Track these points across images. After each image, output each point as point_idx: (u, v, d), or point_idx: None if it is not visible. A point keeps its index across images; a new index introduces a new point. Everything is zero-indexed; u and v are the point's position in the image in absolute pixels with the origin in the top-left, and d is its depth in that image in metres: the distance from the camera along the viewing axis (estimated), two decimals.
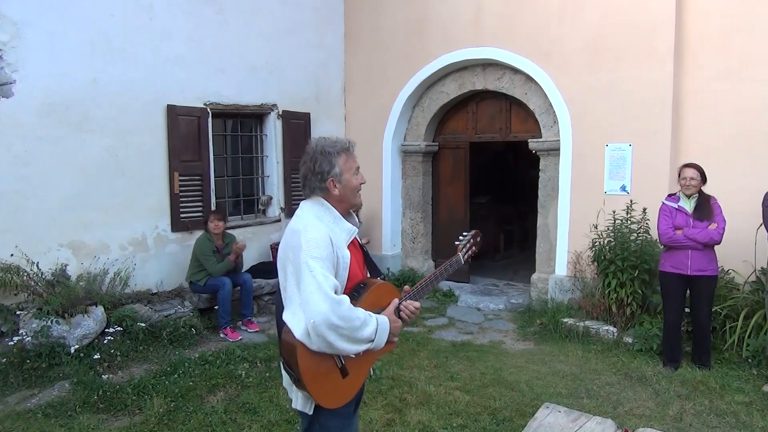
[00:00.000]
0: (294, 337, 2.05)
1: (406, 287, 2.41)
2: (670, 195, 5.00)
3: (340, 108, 8.35)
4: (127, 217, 5.96)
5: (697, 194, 4.79)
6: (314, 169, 2.22)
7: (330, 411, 2.22)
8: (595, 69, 6.31)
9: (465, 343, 5.86)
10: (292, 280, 2.10)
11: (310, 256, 2.05)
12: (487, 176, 10.05)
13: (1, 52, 5.02)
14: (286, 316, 2.10)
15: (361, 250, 2.40)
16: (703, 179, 4.78)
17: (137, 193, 6.03)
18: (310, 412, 2.23)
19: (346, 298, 2.07)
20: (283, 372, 2.27)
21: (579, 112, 6.46)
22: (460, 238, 2.74)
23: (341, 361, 2.15)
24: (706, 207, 4.75)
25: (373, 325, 2.13)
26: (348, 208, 2.31)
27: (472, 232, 2.79)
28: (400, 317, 2.31)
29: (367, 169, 7.86)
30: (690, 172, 4.75)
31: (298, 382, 2.14)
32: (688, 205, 4.79)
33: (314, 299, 2.00)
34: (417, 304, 2.36)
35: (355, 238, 2.33)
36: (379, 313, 2.22)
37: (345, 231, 2.23)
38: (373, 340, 2.13)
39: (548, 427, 3.08)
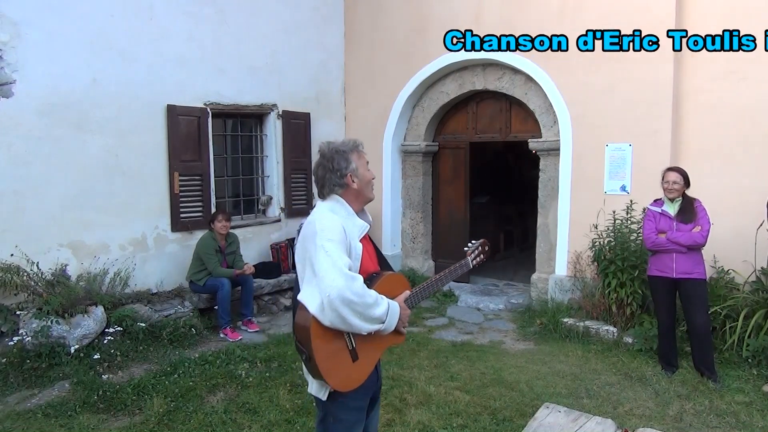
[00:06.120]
0: (307, 315, 2.17)
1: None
2: (655, 200, 4.97)
3: (340, 108, 8.35)
4: (127, 217, 5.97)
5: (681, 198, 4.76)
6: (333, 168, 2.37)
7: (343, 404, 2.33)
8: (595, 69, 6.30)
9: (465, 343, 5.86)
10: (309, 267, 2.22)
11: (325, 239, 2.18)
12: (487, 176, 10.05)
13: (1, 52, 5.02)
14: (301, 295, 2.23)
15: (373, 247, 2.53)
16: (686, 183, 4.75)
17: (137, 193, 6.04)
18: (324, 398, 2.32)
19: (359, 276, 2.19)
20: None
21: (579, 112, 6.46)
22: (469, 245, 2.85)
23: (352, 343, 2.26)
24: (690, 210, 4.71)
25: (385, 307, 2.24)
26: (364, 201, 2.45)
27: (480, 240, 2.88)
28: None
29: None
30: (672, 176, 4.72)
31: (309, 360, 2.21)
32: (672, 209, 4.77)
33: (330, 275, 2.11)
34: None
35: (368, 235, 2.47)
36: None
37: (357, 227, 2.36)
38: (384, 321, 2.24)
39: (548, 427, 3.09)
